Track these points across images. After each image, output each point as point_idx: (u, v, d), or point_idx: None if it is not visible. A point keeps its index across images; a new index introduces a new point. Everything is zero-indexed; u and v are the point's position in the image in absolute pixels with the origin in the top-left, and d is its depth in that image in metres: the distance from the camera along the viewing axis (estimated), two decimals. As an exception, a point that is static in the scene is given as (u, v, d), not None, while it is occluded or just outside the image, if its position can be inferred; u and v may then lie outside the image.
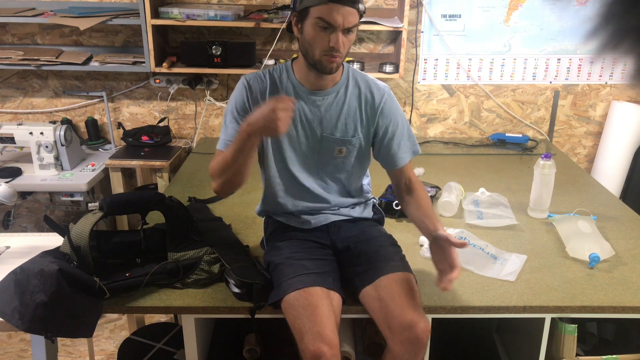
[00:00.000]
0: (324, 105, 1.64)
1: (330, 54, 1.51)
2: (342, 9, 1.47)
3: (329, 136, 1.66)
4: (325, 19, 1.48)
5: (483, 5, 2.91)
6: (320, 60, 1.53)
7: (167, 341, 2.09)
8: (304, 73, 1.62)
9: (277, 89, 1.64)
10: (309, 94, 1.64)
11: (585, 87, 3.09)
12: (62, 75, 3.02)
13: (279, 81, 1.65)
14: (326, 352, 1.40)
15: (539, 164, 2.10)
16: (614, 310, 1.61)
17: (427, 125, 3.14)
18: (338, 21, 1.48)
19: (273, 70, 1.67)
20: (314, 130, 1.66)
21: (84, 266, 1.56)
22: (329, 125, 1.66)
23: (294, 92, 1.64)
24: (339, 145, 1.67)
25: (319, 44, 1.51)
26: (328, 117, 1.65)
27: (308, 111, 1.64)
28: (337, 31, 1.49)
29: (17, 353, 2.57)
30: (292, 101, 1.43)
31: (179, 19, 2.69)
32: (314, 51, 1.53)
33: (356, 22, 1.52)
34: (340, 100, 1.65)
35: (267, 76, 1.65)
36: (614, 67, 3.03)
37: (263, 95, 1.63)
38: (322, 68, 1.55)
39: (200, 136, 3.13)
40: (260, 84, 1.64)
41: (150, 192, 1.73)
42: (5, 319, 1.49)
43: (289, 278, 1.55)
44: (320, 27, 1.50)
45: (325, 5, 1.47)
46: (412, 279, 1.58)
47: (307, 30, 1.53)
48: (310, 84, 1.63)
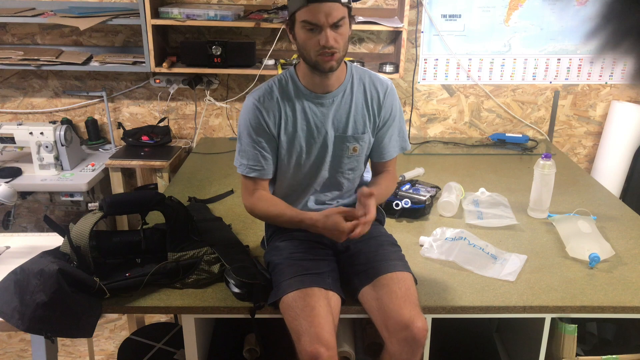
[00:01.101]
0: (333, 106, 1.66)
1: (324, 53, 1.52)
2: (323, 6, 1.48)
3: (342, 135, 1.68)
4: (309, 20, 1.50)
5: (483, 5, 2.91)
6: (317, 60, 1.54)
7: (167, 341, 2.09)
8: (308, 77, 1.63)
9: (287, 97, 1.65)
10: (317, 97, 1.65)
11: (585, 87, 3.09)
12: (62, 75, 3.02)
13: (286, 89, 1.66)
14: (323, 353, 1.40)
15: (539, 164, 2.10)
16: (614, 310, 1.61)
17: (427, 125, 3.14)
18: (321, 20, 1.49)
19: (279, 79, 1.67)
20: (327, 132, 1.67)
21: (84, 266, 1.56)
22: (340, 125, 1.67)
23: (303, 98, 1.64)
24: (353, 143, 1.69)
25: (311, 45, 1.53)
26: (338, 117, 1.67)
27: (319, 114, 1.65)
28: (325, 29, 1.50)
29: (17, 353, 2.57)
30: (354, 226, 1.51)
31: (179, 19, 2.69)
32: (309, 53, 1.55)
33: (342, 15, 1.52)
34: (348, 98, 1.67)
35: (274, 87, 1.66)
36: (614, 67, 3.03)
37: (277, 106, 1.64)
38: (321, 68, 1.56)
39: (200, 136, 3.13)
40: (270, 99, 1.65)
41: (150, 192, 1.73)
42: (5, 319, 1.50)
43: (287, 278, 1.55)
44: (308, 29, 1.52)
45: (305, 7, 1.49)
46: (411, 279, 1.58)
47: (298, 35, 1.55)
48: (317, 87, 1.64)
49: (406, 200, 2.10)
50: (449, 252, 1.82)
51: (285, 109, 1.64)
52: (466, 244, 1.84)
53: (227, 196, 2.31)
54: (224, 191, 2.35)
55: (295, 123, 1.65)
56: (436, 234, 1.92)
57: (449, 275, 1.74)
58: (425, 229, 2.04)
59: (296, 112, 1.65)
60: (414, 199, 2.13)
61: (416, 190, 2.21)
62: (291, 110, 1.65)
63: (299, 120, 1.65)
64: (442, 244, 1.86)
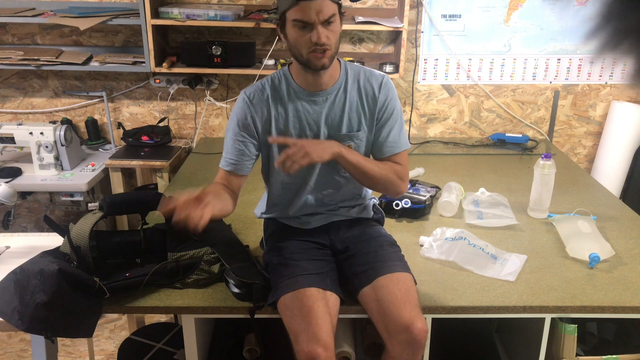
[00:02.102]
0: (326, 105, 1.65)
1: (315, 50, 1.52)
2: (313, 4, 1.47)
3: (335, 134, 1.67)
4: (300, 18, 1.49)
5: (483, 5, 2.91)
6: (309, 58, 1.54)
7: (167, 341, 2.09)
8: (301, 76, 1.63)
9: (279, 96, 1.65)
10: (310, 95, 1.64)
11: (585, 87, 3.09)
12: (62, 75, 3.02)
13: (279, 88, 1.66)
14: (321, 353, 1.40)
15: (539, 164, 2.10)
16: (614, 310, 1.61)
17: (427, 125, 3.14)
18: (312, 17, 1.48)
19: (272, 78, 1.68)
20: (320, 131, 1.66)
21: (84, 266, 1.56)
22: (334, 124, 1.66)
23: (295, 96, 1.64)
24: (347, 142, 1.68)
25: (302, 43, 1.52)
26: (332, 115, 1.66)
27: (312, 112, 1.65)
28: (316, 26, 1.49)
29: (17, 353, 2.57)
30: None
31: (179, 19, 2.69)
32: (301, 51, 1.54)
33: (333, 12, 1.51)
34: (342, 96, 1.66)
35: (266, 86, 1.66)
36: (614, 67, 3.03)
37: (267, 105, 1.65)
38: (313, 66, 1.55)
39: (200, 136, 3.13)
40: (261, 95, 1.65)
41: (150, 192, 1.73)
42: (5, 319, 1.49)
43: (286, 279, 1.55)
44: (299, 28, 1.51)
45: (296, 5, 1.49)
46: (411, 279, 1.58)
47: (289, 34, 1.55)
48: (310, 85, 1.63)
49: (406, 200, 2.10)
50: (449, 252, 1.82)
51: (277, 107, 1.64)
52: (466, 244, 1.84)
53: (227, 196, 2.31)
54: (224, 191, 2.34)
55: (287, 121, 1.64)
56: (436, 234, 1.92)
57: (449, 275, 1.74)
58: (425, 229, 2.04)
59: (288, 111, 1.64)
60: (414, 199, 2.13)
61: (416, 190, 2.21)
62: (283, 108, 1.64)
63: (290, 118, 1.64)
64: (442, 244, 1.86)
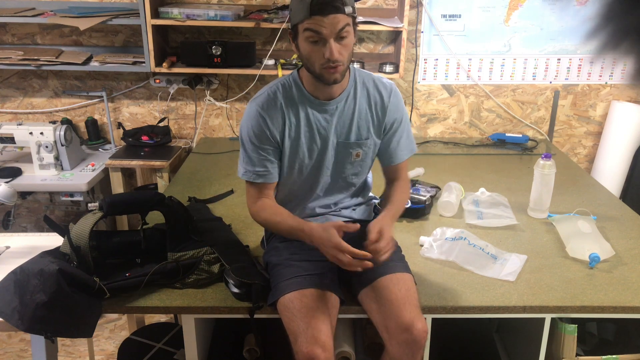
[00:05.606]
0: (336, 113, 1.64)
1: (328, 66, 1.49)
2: (327, 18, 1.44)
3: (344, 142, 1.66)
4: (313, 32, 1.46)
5: (483, 5, 2.91)
6: (322, 73, 1.51)
7: (167, 341, 2.09)
8: (312, 84, 1.61)
9: (291, 103, 1.62)
10: (321, 104, 1.62)
11: (585, 87, 3.09)
12: (62, 75, 3.02)
13: (290, 95, 1.63)
14: (320, 354, 1.40)
15: (539, 164, 2.10)
16: (614, 310, 1.61)
17: (427, 125, 3.14)
18: (325, 32, 1.45)
19: (282, 84, 1.64)
20: (330, 139, 1.65)
21: (83, 266, 1.56)
22: (343, 131, 1.65)
23: (307, 104, 1.63)
24: (356, 149, 1.67)
25: (315, 58, 1.50)
26: (342, 123, 1.65)
27: (323, 121, 1.64)
28: (329, 41, 1.46)
29: (17, 353, 2.57)
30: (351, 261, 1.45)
31: (179, 19, 2.69)
32: (314, 66, 1.52)
33: (346, 22, 1.47)
34: (351, 104, 1.65)
35: (277, 93, 1.62)
36: (614, 67, 3.03)
37: (281, 112, 1.61)
38: (325, 80, 1.53)
39: (200, 136, 3.13)
40: (274, 104, 1.61)
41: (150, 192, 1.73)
42: (5, 319, 1.49)
43: (285, 279, 1.55)
44: (312, 42, 1.48)
45: (309, 19, 1.45)
46: (411, 280, 1.58)
47: (302, 47, 1.52)
48: (321, 93, 1.61)
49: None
50: (449, 252, 1.82)
51: (289, 115, 1.62)
52: (466, 244, 1.84)
53: (227, 196, 2.31)
54: (224, 191, 2.35)
55: (299, 129, 1.63)
56: (436, 234, 1.92)
57: (449, 275, 1.74)
58: (425, 229, 2.04)
59: (300, 119, 1.62)
60: (414, 199, 2.13)
61: (416, 190, 2.21)
62: (295, 116, 1.62)
63: (302, 126, 1.63)
64: (442, 244, 1.86)
